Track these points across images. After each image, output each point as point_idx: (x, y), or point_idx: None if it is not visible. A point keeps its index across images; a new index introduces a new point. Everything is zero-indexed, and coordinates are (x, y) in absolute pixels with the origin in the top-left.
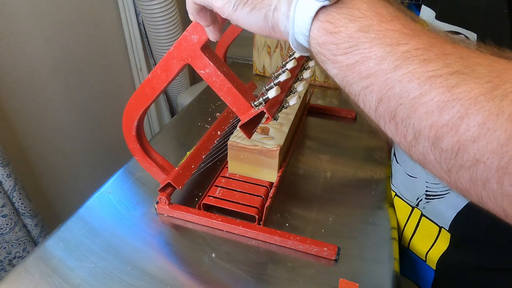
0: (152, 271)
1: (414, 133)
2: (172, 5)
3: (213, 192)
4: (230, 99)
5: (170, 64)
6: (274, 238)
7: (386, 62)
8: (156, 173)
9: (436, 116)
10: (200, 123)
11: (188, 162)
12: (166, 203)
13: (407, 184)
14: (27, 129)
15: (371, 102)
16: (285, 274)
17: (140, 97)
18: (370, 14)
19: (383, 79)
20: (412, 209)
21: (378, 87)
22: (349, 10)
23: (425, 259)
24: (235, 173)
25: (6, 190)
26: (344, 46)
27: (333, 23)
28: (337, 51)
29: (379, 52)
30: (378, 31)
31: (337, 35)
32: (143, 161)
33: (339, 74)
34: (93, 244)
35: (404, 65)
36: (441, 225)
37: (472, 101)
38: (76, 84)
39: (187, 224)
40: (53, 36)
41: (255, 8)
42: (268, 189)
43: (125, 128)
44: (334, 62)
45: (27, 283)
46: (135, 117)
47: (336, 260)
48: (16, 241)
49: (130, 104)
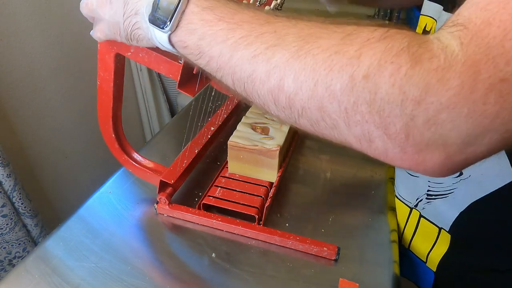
0: (152, 271)
1: (263, 102)
2: None
3: (213, 192)
4: (162, 67)
5: (104, 60)
6: (274, 238)
7: (223, 56)
8: (151, 177)
9: (267, 83)
10: (200, 123)
11: (179, 157)
12: (166, 203)
13: (408, 183)
14: (27, 129)
15: (231, 87)
16: (285, 274)
17: (102, 107)
18: (201, 24)
19: (227, 68)
20: (411, 210)
21: (227, 75)
22: (187, 26)
23: (426, 261)
24: (235, 173)
25: (6, 190)
26: (196, 53)
27: (182, 40)
28: (194, 57)
29: (216, 50)
30: (210, 35)
31: (188, 47)
32: (136, 170)
33: (206, 71)
34: (93, 244)
35: (235, 54)
36: (441, 226)
37: (285, 63)
38: (76, 84)
39: (187, 224)
40: (53, 36)
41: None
42: (268, 189)
43: (107, 142)
44: (197, 64)
45: (27, 283)
46: (109, 128)
47: (336, 260)
48: (16, 241)
49: (99, 118)
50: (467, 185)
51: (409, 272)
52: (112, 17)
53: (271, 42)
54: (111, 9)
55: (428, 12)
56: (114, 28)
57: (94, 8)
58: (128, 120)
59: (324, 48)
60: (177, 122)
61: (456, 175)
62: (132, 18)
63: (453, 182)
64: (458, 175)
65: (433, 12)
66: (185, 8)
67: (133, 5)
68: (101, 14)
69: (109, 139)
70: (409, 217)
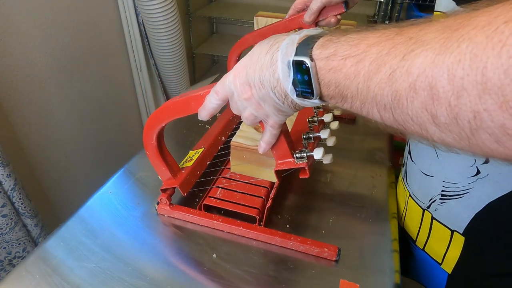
0: (152, 271)
1: (419, 126)
2: (172, 5)
3: (214, 193)
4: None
5: None
6: (274, 239)
7: (361, 90)
8: (163, 173)
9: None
10: (200, 123)
11: (193, 168)
12: (167, 204)
13: (421, 183)
14: (27, 129)
15: (380, 121)
16: (286, 274)
17: (182, 106)
18: (331, 73)
19: (369, 101)
20: (423, 211)
21: (371, 109)
22: (323, 82)
23: (442, 262)
24: (237, 172)
25: (6, 190)
26: (339, 100)
27: (325, 95)
28: (341, 105)
29: (353, 88)
30: (342, 78)
31: (333, 97)
32: (154, 158)
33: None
34: (93, 244)
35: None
36: (453, 228)
37: (431, 65)
38: (76, 84)
39: (187, 225)
40: (53, 36)
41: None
42: (268, 190)
43: (151, 121)
44: (346, 109)
45: (28, 283)
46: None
47: (337, 261)
48: (16, 241)
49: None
50: (484, 185)
51: (419, 274)
52: (273, 107)
53: (406, 51)
54: (268, 105)
55: (440, 8)
56: (278, 111)
57: (236, 99)
58: (128, 120)
59: (484, 23)
60: (177, 122)
61: (473, 174)
62: (287, 100)
63: (469, 182)
64: (475, 174)
65: (444, 7)
66: (316, 70)
67: (280, 92)
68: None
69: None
70: (422, 218)
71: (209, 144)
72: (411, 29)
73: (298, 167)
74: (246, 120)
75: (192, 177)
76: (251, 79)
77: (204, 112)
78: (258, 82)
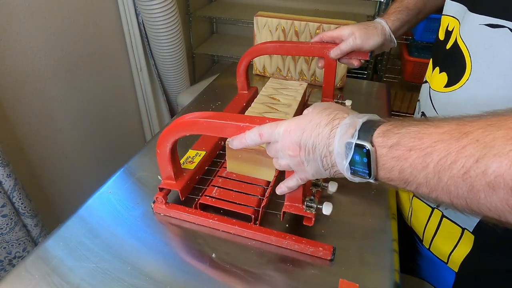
0: (152, 271)
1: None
2: (172, 5)
3: (210, 192)
4: None
5: None
6: (270, 238)
7: (431, 180)
8: (167, 173)
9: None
10: None
11: (194, 173)
12: (163, 203)
13: None
14: (27, 129)
15: (448, 202)
16: (286, 274)
17: (216, 127)
18: (395, 161)
19: (439, 189)
20: (432, 210)
21: (442, 195)
22: (384, 167)
23: (447, 261)
24: (233, 171)
25: (6, 190)
26: (402, 184)
27: (384, 178)
28: (401, 186)
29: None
30: (408, 167)
31: (393, 180)
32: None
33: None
34: (93, 244)
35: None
36: (464, 226)
37: (508, 170)
38: (76, 84)
39: (187, 225)
40: (53, 36)
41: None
42: (264, 189)
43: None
44: (407, 190)
45: (27, 283)
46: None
47: (332, 260)
48: (16, 241)
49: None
50: None
51: (426, 273)
52: (315, 170)
53: (478, 154)
54: (310, 167)
55: (450, 12)
56: (317, 173)
57: (279, 149)
58: (128, 120)
59: None
60: None
61: None
62: (331, 169)
63: None
64: None
65: (455, 12)
66: (376, 155)
67: (328, 162)
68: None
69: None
70: (430, 217)
71: (210, 148)
72: (473, 128)
73: (305, 215)
74: (278, 166)
75: (192, 182)
76: (303, 142)
77: (237, 143)
78: (310, 147)
